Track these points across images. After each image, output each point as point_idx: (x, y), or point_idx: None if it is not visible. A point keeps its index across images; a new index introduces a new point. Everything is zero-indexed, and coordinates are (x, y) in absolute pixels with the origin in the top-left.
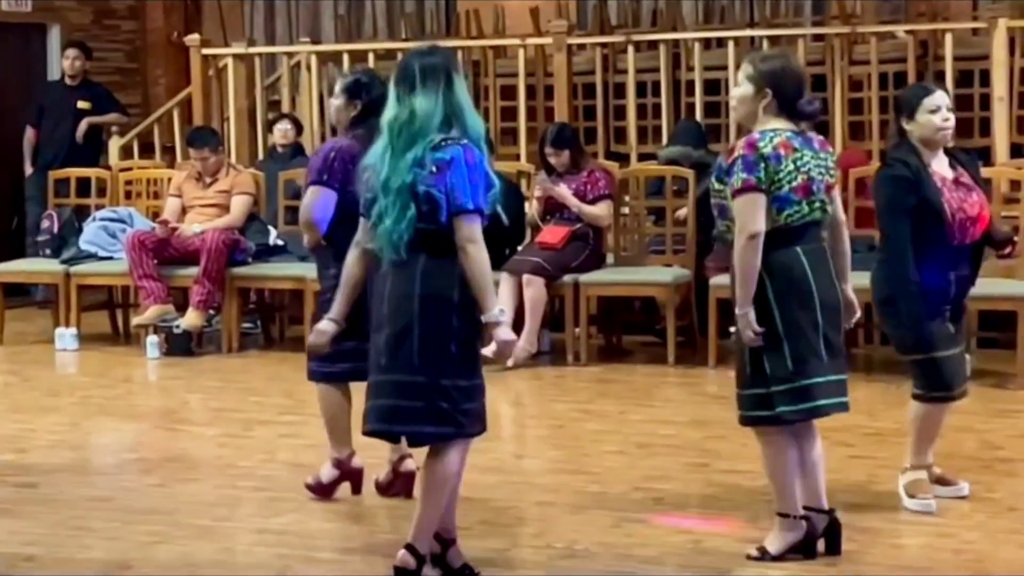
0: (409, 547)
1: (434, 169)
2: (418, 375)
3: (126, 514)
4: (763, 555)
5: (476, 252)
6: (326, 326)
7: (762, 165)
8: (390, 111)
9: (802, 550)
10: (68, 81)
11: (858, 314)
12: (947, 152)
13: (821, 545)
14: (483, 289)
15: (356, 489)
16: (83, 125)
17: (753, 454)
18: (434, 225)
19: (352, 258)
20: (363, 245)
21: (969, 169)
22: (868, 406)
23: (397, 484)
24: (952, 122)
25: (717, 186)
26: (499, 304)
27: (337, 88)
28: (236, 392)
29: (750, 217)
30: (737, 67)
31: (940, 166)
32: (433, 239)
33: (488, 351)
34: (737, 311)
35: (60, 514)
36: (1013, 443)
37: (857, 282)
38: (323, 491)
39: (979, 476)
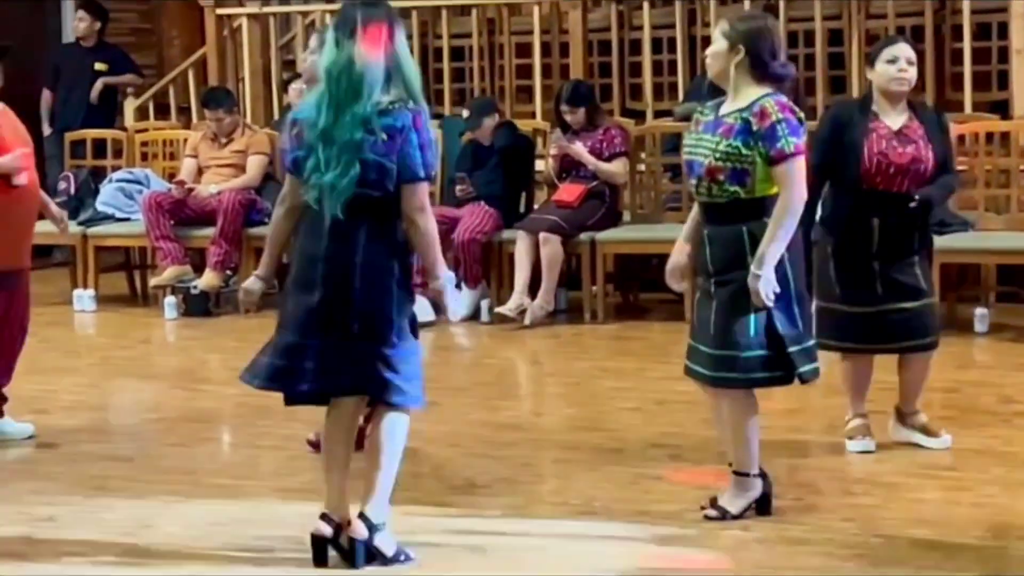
0: (362, 515)
1: (384, 137)
2: (357, 341)
3: (147, 474)
4: (724, 515)
5: (425, 221)
6: (253, 283)
7: (803, 129)
8: (327, 56)
9: (758, 507)
10: (83, 43)
11: None
12: (911, 106)
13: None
14: (429, 257)
15: (359, 445)
16: (98, 85)
17: (768, 409)
18: (379, 192)
19: (278, 216)
20: (290, 203)
21: (926, 124)
22: (883, 362)
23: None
24: (910, 74)
25: (744, 151)
26: (446, 269)
27: (315, 42)
28: (254, 352)
29: (803, 181)
30: None
31: (890, 117)
32: (376, 205)
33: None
34: (763, 271)
35: (81, 474)
36: None
37: None
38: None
39: (997, 430)
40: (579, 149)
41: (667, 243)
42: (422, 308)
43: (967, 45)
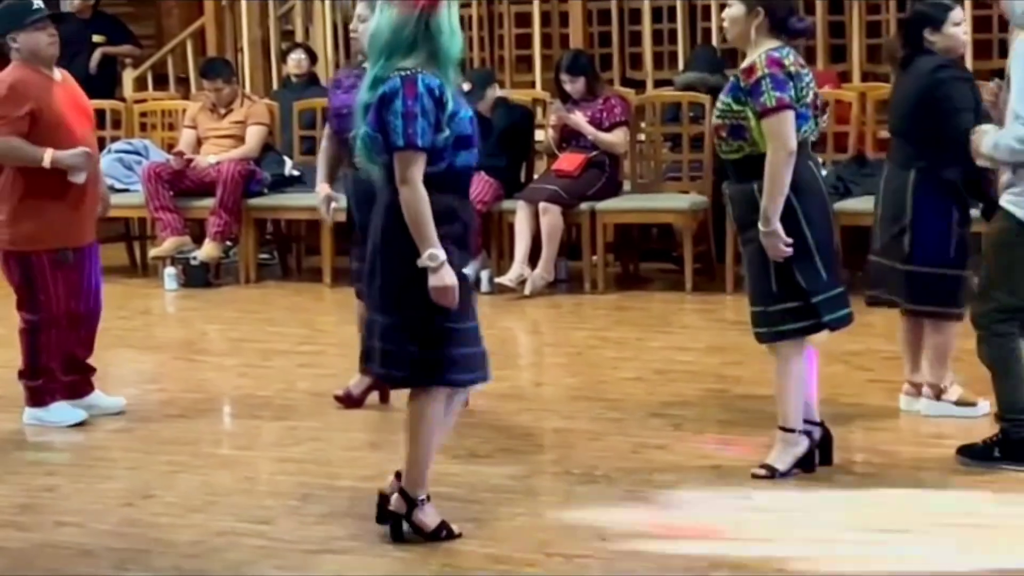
0: (402, 490)
1: (373, 104)
2: (384, 315)
3: (147, 444)
4: (772, 473)
5: (408, 193)
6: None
7: (791, 83)
8: (372, 21)
9: (802, 464)
10: (79, 15)
11: None
12: None
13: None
14: (417, 230)
15: (384, 398)
16: (96, 55)
17: (771, 379)
18: (384, 159)
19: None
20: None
21: None
22: (886, 330)
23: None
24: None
25: (735, 107)
26: (433, 247)
27: (365, 10)
28: (254, 323)
29: (788, 134)
30: None
31: None
32: (389, 178)
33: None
34: (768, 227)
35: (80, 445)
36: None
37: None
38: (349, 400)
39: None
40: (578, 120)
41: (667, 213)
42: None
43: (968, 14)
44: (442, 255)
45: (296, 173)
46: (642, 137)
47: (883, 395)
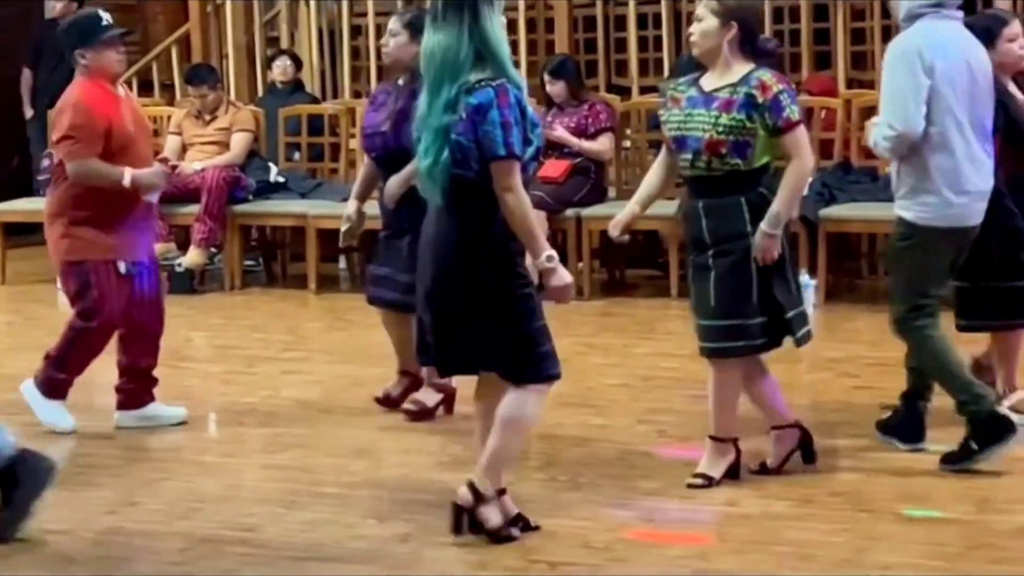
0: (470, 483)
1: (463, 116)
2: (479, 319)
3: (131, 451)
4: (709, 482)
5: (514, 200)
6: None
7: (797, 98)
8: (423, 42)
9: (731, 472)
10: (61, 22)
11: None
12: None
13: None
14: (528, 235)
15: (449, 408)
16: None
17: None
18: (471, 173)
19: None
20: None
21: None
22: (871, 337)
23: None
24: None
25: (748, 124)
26: (548, 249)
27: (396, 25)
28: (239, 329)
29: (809, 147)
30: None
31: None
32: (471, 187)
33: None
34: (775, 230)
35: (64, 452)
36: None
37: (864, 213)
38: (425, 414)
39: None
40: (562, 135)
41: (653, 219)
42: None
43: None
44: (555, 254)
45: (281, 180)
46: (627, 144)
47: (869, 402)
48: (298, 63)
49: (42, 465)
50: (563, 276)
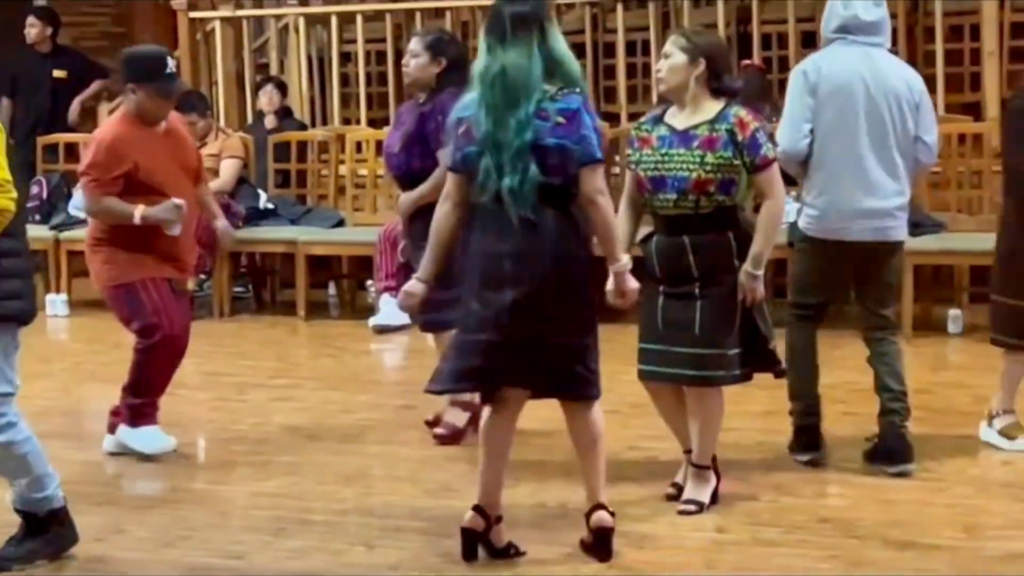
0: (601, 505)
1: (561, 120)
2: (553, 338)
3: (118, 479)
4: (700, 507)
5: (606, 202)
6: (417, 287)
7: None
8: (481, 61)
9: (713, 497)
10: (38, 48)
11: None
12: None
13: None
14: (612, 239)
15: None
16: (75, 107)
17: (743, 411)
18: (559, 179)
19: (445, 214)
20: (457, 199)
21: None
22: (857, 363)
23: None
24: None
25: (735, 161)
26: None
27: (417, 46)
28: (228, 356)
29: (781, 184)
30: (727, 24)
31: None
32: (557, 194)
33: (613, 299)
34: (759, 270)
35: None
36: None
37: None
38: (458, 436)
39: (971, 431)
40: None
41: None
42: (396, 312)
43: (939, 47)
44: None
45: (271, 206)
46: (617, 170)
47: (856, 428)
48: (283, 90)
49: (70, 535)
50: (634, 280)
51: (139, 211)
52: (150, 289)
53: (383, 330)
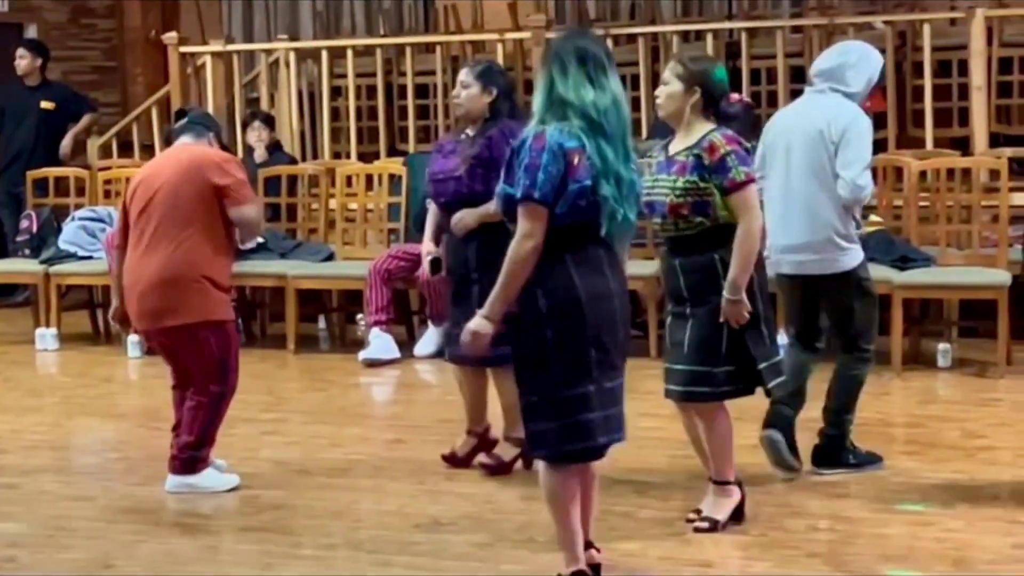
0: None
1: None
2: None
3: (108, 513)
4: (714, 525)
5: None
6: (486, 326)
7: (751, 158)
8: (588, 93)
9: (735, 514)
10: (27, 81)
11: None
12: None
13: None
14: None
15: (528, 463)
16: (67, 142)
17: (737, 444)
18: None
19: (528, 254)
20: (539, 239)
21: None
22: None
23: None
24: None
25: (702, 184)
26: None
27: (468, 77)
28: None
29: (757, 207)
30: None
31: None
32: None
33: None
34: (737, 295)
35: (42, 514)
36: (994, 431)
37: None
38: (505, 469)
39: (961, 465)
40: None
41: (630, 279)
42: (386, 346)
43: (928, 82)
44: None
45: (260, 240)
46: None
47: None
48: (271, 124)
49: None
50: None
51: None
52: (234, 333)
53: (373, 364)
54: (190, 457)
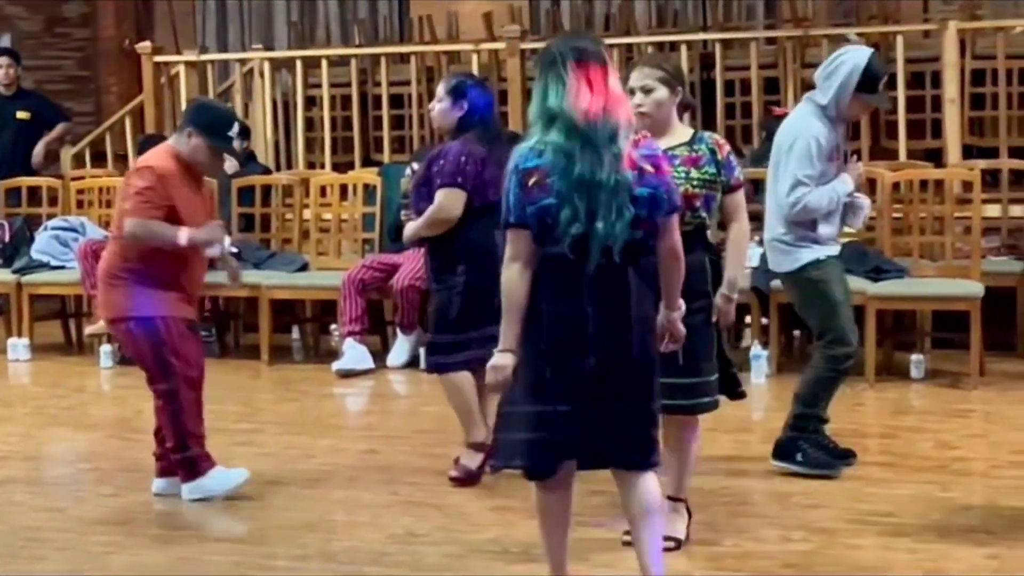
0: None
1: (650, 168)
2: (627, 404)
3: (80, 524)
4: (679, 544)
5: (682, 252)
6: (506, 360)
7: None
8: (582, 99)
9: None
10: (3, 90)
11: None
12: None
13: None
14: (679, 288)
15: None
16: (39, 150)
17: (704, 455)
18: (643, 231)
19: (516, 276)
20: (527, 259)
21: None
22: (838, 409)
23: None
24: None
25: (719, 177)
26: None
27: (442, 90)
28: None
29: (745, 209)
30: (691, 70)
31: None
32: (638, 249)
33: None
34: (736, 294)
35: (12, 525)
36: (967, 443)
37: None
38: (473, 479)
39: (934, 476)
40: None
41: None
42: (360, 356)
43: (901, 94)
44: None
45: (235, 250)
46: None
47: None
48: (246, 134)
49: None
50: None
51: (184, 233)
52: (171, 328)
53: (347, 375)
54: (183, 459)
